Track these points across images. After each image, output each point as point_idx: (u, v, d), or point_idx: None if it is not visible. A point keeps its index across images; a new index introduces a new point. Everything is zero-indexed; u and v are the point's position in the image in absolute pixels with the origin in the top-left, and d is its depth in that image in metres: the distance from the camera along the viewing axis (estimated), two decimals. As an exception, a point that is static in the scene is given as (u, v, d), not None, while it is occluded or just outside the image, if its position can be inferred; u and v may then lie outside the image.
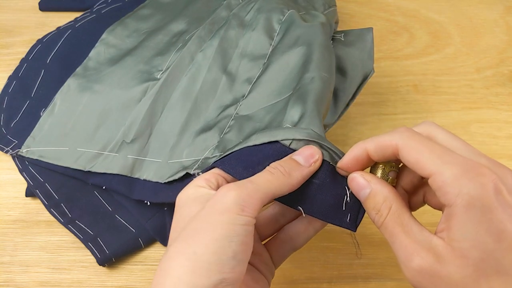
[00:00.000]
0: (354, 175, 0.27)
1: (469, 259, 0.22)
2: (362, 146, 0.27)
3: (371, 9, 0.54)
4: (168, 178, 0.36)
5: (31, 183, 0.39)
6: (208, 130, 0.37)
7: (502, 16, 0.54)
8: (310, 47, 0.37)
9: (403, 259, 0.24)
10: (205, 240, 0.23)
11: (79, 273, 0.36)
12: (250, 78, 0.39)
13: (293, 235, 0.31)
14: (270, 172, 0.26)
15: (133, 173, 0.38)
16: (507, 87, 0.48)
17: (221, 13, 0.44)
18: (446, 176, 0.23)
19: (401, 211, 0.25)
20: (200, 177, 0.28)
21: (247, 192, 0.25)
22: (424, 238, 0.23)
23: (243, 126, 0.36)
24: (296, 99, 0.34)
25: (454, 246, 0.22)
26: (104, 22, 0.46)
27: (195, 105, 0.39)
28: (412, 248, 0.23)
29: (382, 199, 0.25)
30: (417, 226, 0.24)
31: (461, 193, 0.22)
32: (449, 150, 0.24)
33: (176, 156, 0.37)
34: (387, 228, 0.25)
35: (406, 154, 0.25)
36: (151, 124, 0.39)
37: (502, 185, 0.22)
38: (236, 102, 0.38)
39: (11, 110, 0.43)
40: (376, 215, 0.26)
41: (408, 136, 0.25)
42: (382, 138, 0.26)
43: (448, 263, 0.22)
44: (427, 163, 0.24)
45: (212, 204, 0.25)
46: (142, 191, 0.37)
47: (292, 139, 0.29)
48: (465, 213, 0.22)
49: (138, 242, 0.37)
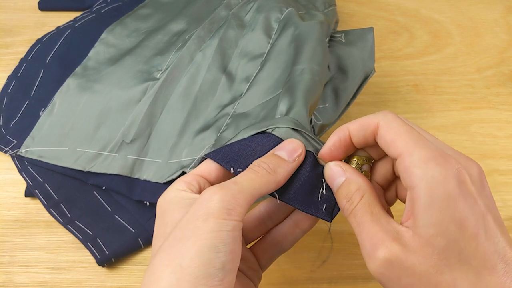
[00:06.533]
0: (330, 163, 0.27)
1: (434, 248, 0.22)
2: (345, 127, 0.27)
3: (371, 8, 0.54)
4: (167, 178, 0.36)
5: (30, 183, 0.39)
6: (206, 130, 0.38)
7: (502, 16, 0.54)
8: (303, 41, 0.38)
9: (368, 249, 0.23)
10: (191, 251, 0.22)
11: (78, 274, 0.36)
12: (249, 76, 0.39)
13: (280, 237, 0.30)
14: (254, 171, 0.25)
15: (133, 174, 0.38)
16: (508, 87, 0.48)
17: (220, 12, 0.44)
18: (414, 157, 0.23)
19: (372, 202, 0.25)
20: (180, 179, 0.27)
21: (231, 194, 0.23)
22: (391, 228, 0.23)
23: (240, 123, 0.36)
24: (285, 92, 0.34)
25: (420, 233, 0.22)
26: (104, 22, 0.46)
27: (194, 105, 0.39)
28: (378, 237, 0.23)
29: (356, 187, 0.25)
30: (385, 217, 0.24)
31: (425, 176, 0.22)
32: (425, 137, 0.24)
33: (175, 156, 0.37)
34: (355, 216, 0.25)
35: (384, 132, 0.25)
36: (150, 124, 0.39)
37: (466, 175, 0.23)
38: (234, 100, 0.38)
39: (11, 110, 0.43)
40: (347, 203, 0.25)
41: (391, 117, 0.25)
42: (365, 117, 0.26)
43: (413, 253, 0.22)
44: (401, 143, 0.24)
45: (195, 210, 0.23)
46: (142, 192, 0.37)
47: (275, 127, 0.29)
48: (428, 196, 0.22)
49: (138, 242, 0.37)
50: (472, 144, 0.44)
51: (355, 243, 0.38)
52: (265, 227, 0.31)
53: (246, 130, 0.30)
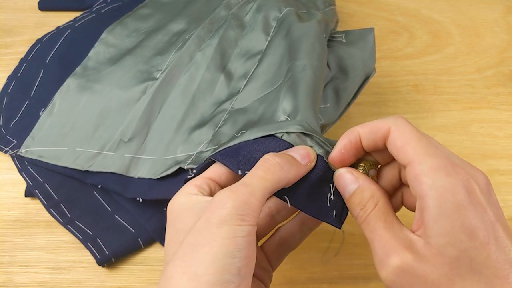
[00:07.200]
0: (341, 170, 0.27)
1: (446, 257, 0.22)
2: (355, 130, 0.26)
3: (371, 8, 0.54)
4: (161, 174, 0.36)
5: (30, 183, 0.39)
6: (203, 126, 0.37)
7: (502, 16, 0.54)
8: (300, 37, 0.38)
9: (380, 256, 0.23)
10: (206, 259, 0.22)
11: (78, 274, 0.36)
12: (246, 73, 0.39)
13: (288, 235, 0.31)
14: (265, 167, 0.25)
15: (128, 172, 0.37)
16: (508, 87, 0.48)
17: (220, 12, 0.44)
18: (424, 166, 0.23)
19: (386, 209, 0.25)
20: (190, 183, 0.27)
21: (243, 199, 0.23)
22: (404, 236, 0.23)
23: (237, 118, 0.36)
24: (288, 89, 0.33)
25: (431, 242, 0.22)
26: (104, 22, 0.46)
27: (192, 102, 0.39)
28: (391, 245, 0.23)
29: (369, 195, 0.25)
30: (398, 225, 0.24)
31: (435, 185, 0.22)
32: (435, 145, 0.24)
33: (170, 152, 0.37)
34: (369, 224, 0.25)
35: (395, 138, 0.25)
36: (148, 123, 0.39)
37: (475, 185, 0.23)
38: (232, 97, 0.38)
39: (11, 110, 0.43)
40: (360, 210, 0.25)
41: (402, 122, 0.25)
42: (376, 121, 0.26)
43: (425, 262, 0.22)
44: (411, 150, 0.24)
45: (208, 217, 0.23)
46: (135, 189, 0.36)
47: (285, 131, 0.29)
48: (438, 206, 0.22)
49: (138, 242, 0.37)
50: (472, 144, 0.44)
51: (356, 243, 0.38)
52: (274, 222, 0.31)
53: (253, 131, 0.29)
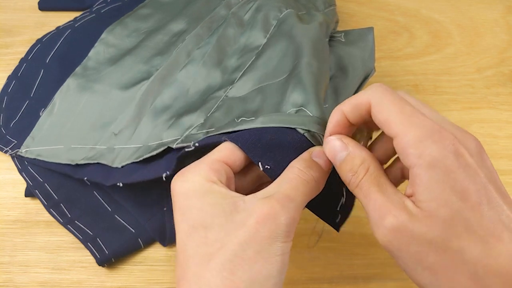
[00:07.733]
0: (330, 138, 0.26)
1: (439, 218, 0.22)
2: (339, 109, 0.26)
3: (371, 8, 0.54)
4: (145, 156, 0.35)
5: (30, 183, 0.39)
6: (193, 112, 0.37)
7: (502, 16, 0.54)
8: (303, 37, 0.38)
9: (376, 219, 0.23)
10: (261, 274, 0.22)
11: (78, 274, 0.36)
12: (242, 65, 0.39)
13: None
14: (304, 181, 0.25)
15: (114, 163, 0.37)
16: (508, 87, 0.48)
17: (220, 11, 0.44)
18: (409, 138, 0.23)
19: (378, 173, 0.25)
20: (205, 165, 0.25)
21: (292, 216, 0.24)
22: (397, 198, 0.23)
23: (232, 106, 0.36)
24: (296, 83, 0.33)
25: (423, 207, 0.22)
26: (104, 22, 0.46)
27: (186, 95, 0.38)
28: (386, 207, 0.23)
29: (360, 161, 0.25)
30: (392, 188, 0.24)
31: (423, 154, 0.22)
32: (419, 112, 0.24)
33: (155, 137, 0.36)
34: (362, 188, 0.24)
35: (377, 112, 0.24)
36: (140, 115, 0.38)
37: (463, 148, 0.22)
38: (226, 86, 0.38)
39: (11, 110, 0.43)
40: (352, 176, 0.25)
41: (382, 92, 0.24)
42: (356, 96, 0.26)
43: (421, 222, 0.22)
44: (395, 123, 0.23)
45: (258, 229, 0.23)
46: (116, 176, 0.35)
47: (307, 129, 0.28)
48: (427, 173, 0.22)
49: (138, 242, 0.37)
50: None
51: (356, 243, 0.38)
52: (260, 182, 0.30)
53: (266, 119, 0.29)
